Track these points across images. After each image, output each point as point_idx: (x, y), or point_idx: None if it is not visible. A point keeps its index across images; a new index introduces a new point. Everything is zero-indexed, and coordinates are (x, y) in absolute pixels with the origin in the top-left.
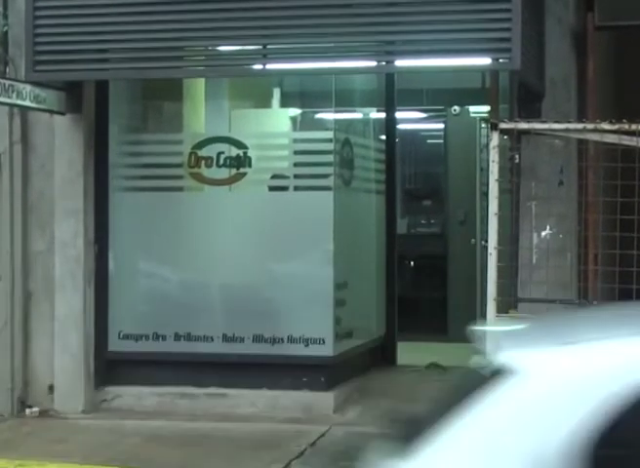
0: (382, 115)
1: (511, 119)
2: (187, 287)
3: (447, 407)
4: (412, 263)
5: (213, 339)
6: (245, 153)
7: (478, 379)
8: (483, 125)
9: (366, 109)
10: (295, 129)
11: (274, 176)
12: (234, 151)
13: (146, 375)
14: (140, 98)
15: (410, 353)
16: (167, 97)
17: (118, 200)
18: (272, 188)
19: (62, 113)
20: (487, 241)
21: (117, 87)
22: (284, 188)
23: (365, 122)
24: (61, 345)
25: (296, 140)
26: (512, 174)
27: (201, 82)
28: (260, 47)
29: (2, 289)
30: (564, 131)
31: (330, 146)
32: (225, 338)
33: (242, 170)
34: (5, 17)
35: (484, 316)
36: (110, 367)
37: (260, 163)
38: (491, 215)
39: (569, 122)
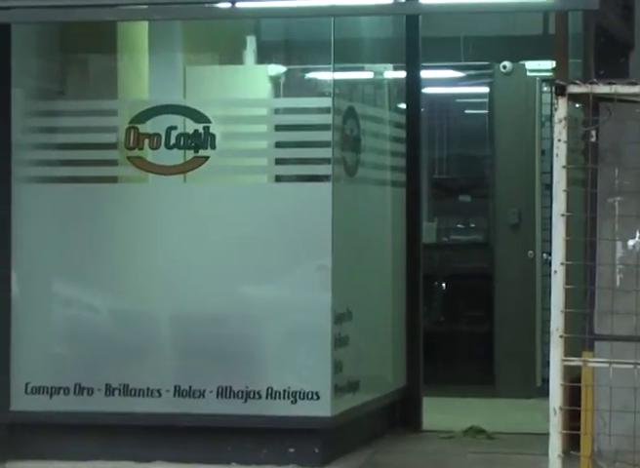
0: (402, 75)
1: (586, 80)
2: (125, 320)
3: None
4: (443, 285)
5: (160, 394)
6: (206, 129)
7: None
8: (545, 88)
9: (378, 67)
10: (277, 94)
11: (248, 162)
12: (191, 126)
13: (65, 445)
14: (56, 52)
15: (440, 413)
16: (95, 50)
17: (25, 195)
18: (245, 179)
19: None
20: (550, 253)
21: (24, 35)
22: (262, 179)
23: (377, 85)
24: None
25: (278, 111)
26: (587, 158)
27: (144, 28)
28: None
29: None
30: None
31: (327, 119)
32: (179, 393)
33: (202, 152)
34: None
35: (546, 360)
36: (14, 433)
37: (228, 143)
38: (556, 217)
39: None
